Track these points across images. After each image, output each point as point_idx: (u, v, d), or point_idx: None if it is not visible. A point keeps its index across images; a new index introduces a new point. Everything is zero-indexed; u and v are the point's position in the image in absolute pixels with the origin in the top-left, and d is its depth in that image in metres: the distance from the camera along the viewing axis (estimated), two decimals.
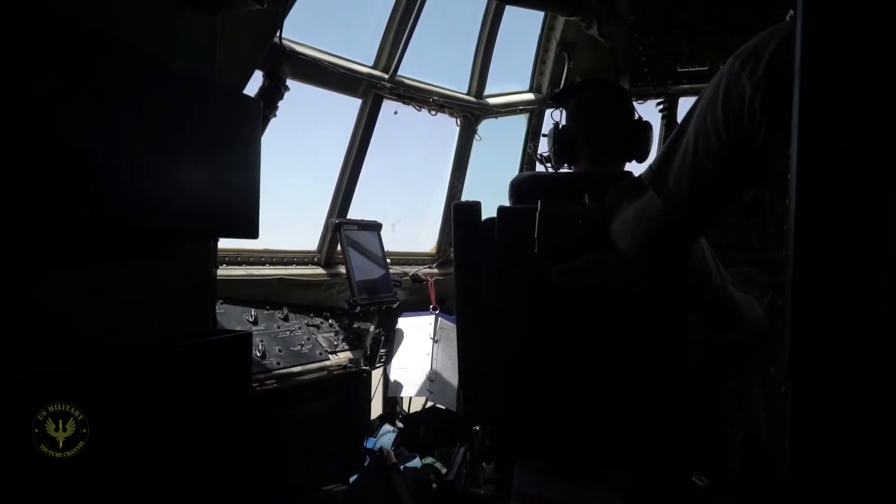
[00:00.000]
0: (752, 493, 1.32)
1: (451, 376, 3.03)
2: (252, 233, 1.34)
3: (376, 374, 3.12)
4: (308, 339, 2.62)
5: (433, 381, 3.02)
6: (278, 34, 2.04)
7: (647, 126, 1.98)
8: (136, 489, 1.12)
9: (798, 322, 0.73)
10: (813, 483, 0.77)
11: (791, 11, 1.09)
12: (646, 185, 1.18)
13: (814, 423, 0.74)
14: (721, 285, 1.43)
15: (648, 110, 3.51)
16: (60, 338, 1.06)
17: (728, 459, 1.51)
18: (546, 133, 2.09)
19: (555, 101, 2.08)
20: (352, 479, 2.60)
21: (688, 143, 1.08)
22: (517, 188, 1.91)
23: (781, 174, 0.95)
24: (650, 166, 1.18)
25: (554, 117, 2.06)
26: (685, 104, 3.50)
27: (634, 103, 2.15)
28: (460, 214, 1.92)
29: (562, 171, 2.08)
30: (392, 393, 3.14)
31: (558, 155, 1.98)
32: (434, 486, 2.53)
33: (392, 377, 3.10)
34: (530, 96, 3.55)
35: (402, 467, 2.57)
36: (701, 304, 1.53)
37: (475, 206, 1.91)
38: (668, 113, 3.50)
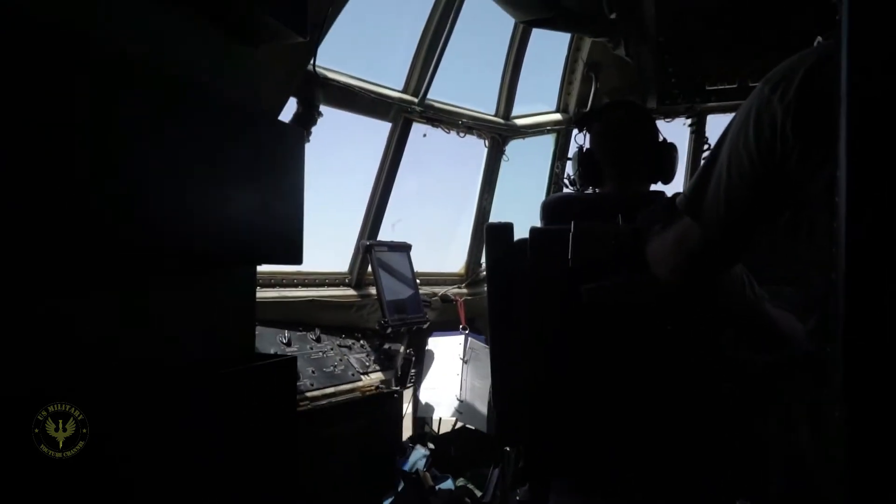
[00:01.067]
0: None
1: (482, 396, 3.02)
2: (296, 259, 1.36)
3: (406, 395, 3.12)
4: (340, 360, 2.64)
5: (463, 402, 3.02)
6: (312, 62, 2.10)
7: (671, 147, 1.97)
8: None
9: (851, 345, 0.72)
10: None
11: (819, 38, 1.10)
12: (681, 211, 1.19)
13: (869, 447, 0.73)
14: (755, 301, 1.42)
15: (676, 128, 3.51)
16: (105, 362, 1.08)
17: (771, 485, 1.48)
18: (571, 156, 2.10)
19: (578, 124, 2.09)
20: (386, 501, 2.59)
21: (721, 168, 1.08)
22: (549, 209, 1.92)
23: (816, 195, 0.95)
24: (684, 192, 1.19)
25: (578, 140, 2.07)
26: (713, 122, 3.49)
27: (662, 122, 2.16)
28: (493, 235, 1.93)
29: (591, 192, 2.09)
30: (422, 413, 3.14)
31: (583, 178, 1.99)
32: None
33: (422, 398, 3.10)
34: (557, 116, 3.57)
35: (437, 488, 2.56)
36: (735, 319, 1.51)
37: (508, 227, 1.92)
38: (697, 131, 3.49)
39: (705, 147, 3.41)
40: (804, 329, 1.44)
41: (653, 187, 2.01)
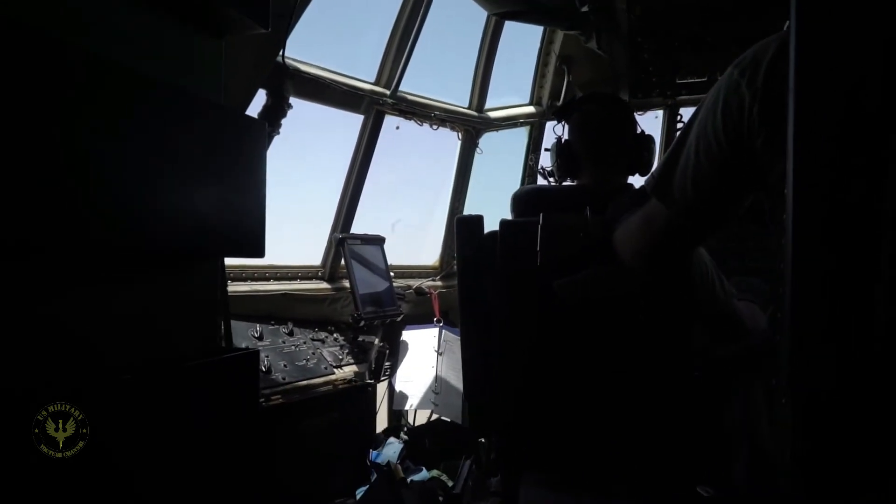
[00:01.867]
0: None
1: (456, 388, 3.04)
2: (258, 252, 1.35)
3: (381, 388, 3.12)
4: (313, 353, 2.63)
5: (438, 394, 3.03)
6: (281, 53, 2.07)
7: (649, 140, 1.98)
8: (136, 495, 1.12)
9: (797, 335, 0.74)
10: (814, 492, 0.77)
11: (788, 22, 1.11)
12: (648, 192, 1.20)
13: (813, 433, 0.75)
14: (725, 299, 1.44)
15: (648, 121, 3.54)
16: (69, 355, 1.07)
17: (733, 471, 1.51)
18: (548, 147, 2.10)
19: (557, 115, 2.09)
20: (358, 492, 2.59)
21: (689, 151, 1.09)
22: (519, 201, 1.92)
23: (779, 182, 0.97)
24: (652, 174, 1.20)
25: (556, 131, 2.07)
26: (685, 114, 3.53)
27: (635, 114, 2.16)
28: (463, 228, 1.93)
29: (564, 184, 2.10)
30: (397, 406, 3.14)
31: (561, 169, 1.99)
32: (441, 499, 2.52)
33: (397, 390, 3.10)
34: (531, 109, 3.58)
35: (409, 480, 2.56)
36: (705, 317, 1.53)
37: (477, 220, 1.92)
38: (668, 123, 3.53)
39: None
40: (766, 320, 1.47)
41: (631, 180, 2.02)
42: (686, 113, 3.53)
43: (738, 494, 1.43)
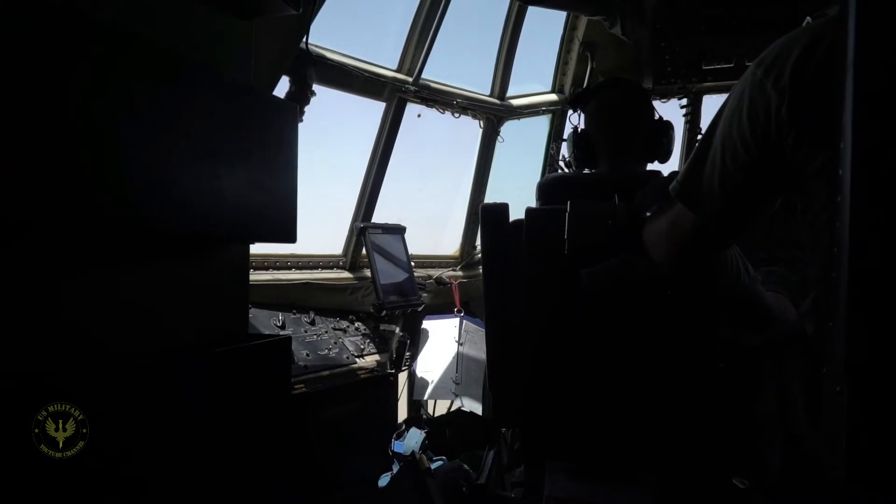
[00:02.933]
0: (794, 496, 1.30)
1: (477, 379, 3.03)
2: (290, 237, 1.34)
3: (402, 377, 3.13)
4: (335, 342, 2.63)
5: (459, 384, 3.02)
6: (305, 39, 2.05)
7: (668, 126, 1.95)
8: (149, 483, 1.12)
9: (856, 319, 0.71)
10: (872, 483, 0.75)
11: (808, 18, 1.08)
12: (674, 197, 1.17)
13: (872, 422, 0.73)
14: (750, 285, 1.41)
15: (672, 109, 3.49)
16: (93, 341, 1.07)
17: (767, 462, 1.49)
18: (565, 138, 2.07)
19: (572, 104, 2.06)
20: (380, 481, 2.60)
21: (714, 155, 1.07)
22: (544, 190, 1.90)
23: (811, 178, 0.94)
24: (677, 179, 1.17)
25: (573, 121, 2.04)
26: (709, 102, 3.47)
27: (657, 102, 2.13)
28: (488, 216, 1.91)
29: (587, 172, 2.07)
30: (418, 396, 3.14)
31: (578, 159, 1.96)
32: (464, 489, 2.52)
33: (418, 380, 3.10)
34: (553, 97, 3.54)
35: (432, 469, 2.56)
36: (730, 304, 1.51)
37: (503, 208, 1.90)
38: (693, 111, 3.47)
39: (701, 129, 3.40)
40: (794, 310, 1.44)
41: (649, 166, 1.99)
42: (710, 101, 3.48)
43: (772, 486, 1.41)
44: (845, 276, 0.72)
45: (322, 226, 3.10)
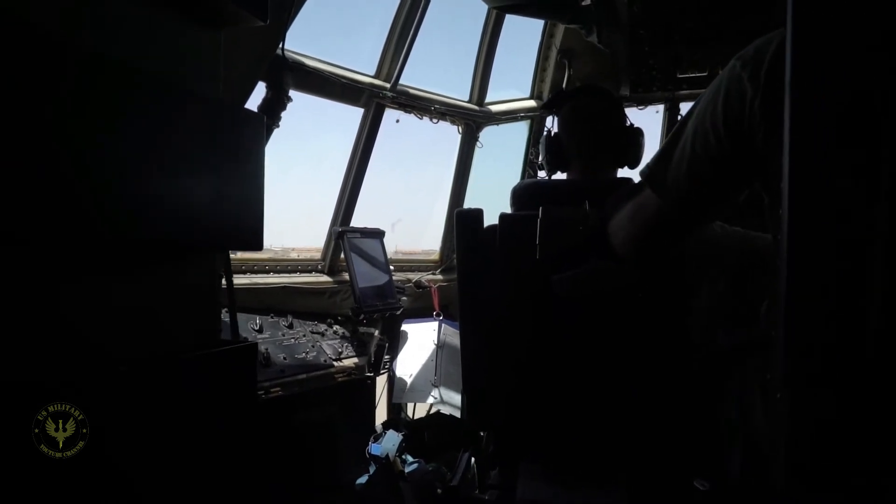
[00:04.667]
0: (752, 498, 1.33)
1: (456, 382, 3.04)
2: (256, 245, 1.35)
3: (380, 381, 3.14)
4: (313, 346, 2.64)
5: (438, 388, 3.04)
6: (281, 46, 2.07)
7: (637, 132, 1.98)
8: (137, 495, 1.13)
9: (792, 328, 0.74)
10: (809, 487, 0.78)
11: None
12: (643, 180, 1.20)
13: (809, 428, 0.76)
14: (731, 232, 1.45)
15: (649, 116, 3.54)
16: (64, 348, 1.07)
17: (728, 465, 1.52)
18: (540, 141, 2.10)
19: (546, 108, 2.09)
20: (357, 483, 2.61)
21: (686, 141, 1.09)
22: (518, 195, 1.93)
23: (778, 177, 0.96)
24: (647, 163, 1.20)
25: (547, 125, 2.07)
26: (685, 110, 3.51)
27: (635, 109, 2.16)
28: (463, 221, 1.93)
29: (561, 178, 2.10)
30: (397, 399, 3.15)
31: (550, 163, 1.99)
32: (439, 491, 2.53)
33: (397, 383, 3.11)
34: (531, 103, 3.57)
35: (406, 472, 2.58)
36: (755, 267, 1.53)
37: (477, 213, 1.92)
38: (669, 118, 3.52)
39: None
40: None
41: (620, 173, 2.02)
42: (686, 108, 3.52)
43: (733, 488, 1.44)
44: (784, 283, 0.74)
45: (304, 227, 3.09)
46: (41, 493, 0.96)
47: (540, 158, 2.11)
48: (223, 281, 1.58)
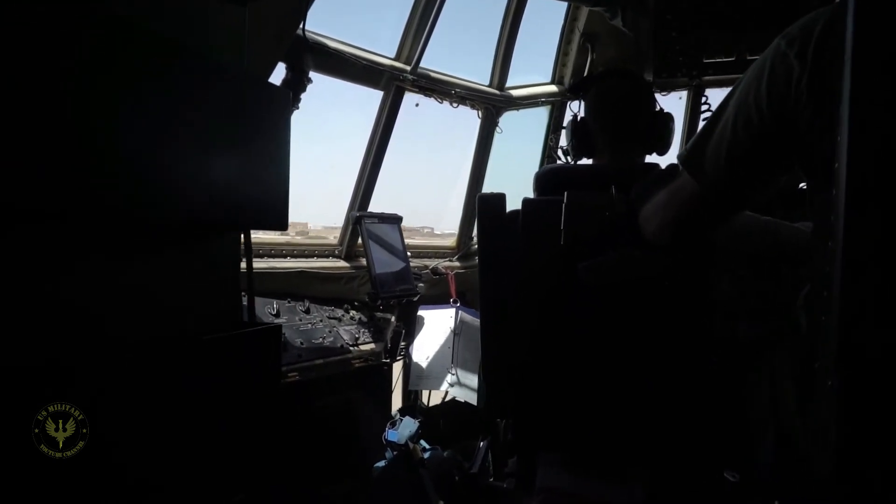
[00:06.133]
0: (786, 492, 1.30)
1: (472, 370, 3.03)
2: (281, 224, 1.33)
3: (396, 367, 3.13)
4: (330, 331, 2.63)
5: (454, 375, 3.02)
6: (301, 26, 2.04)
7: (668, 118, 1.93)
8: (148, 481, 1.11)
9: (847, 315, 0.70)
10: (857, 483, 0.75)
11: None
12: (680, 164, 1.16)
13: (862, 422, 0.72)
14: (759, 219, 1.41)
15: (672, 103, 3.47)
16: (85, 331, 1.06)
17: (758, 457, 1.49)
18: (565, 125, 2.05)
19: (573, 91, 2.04)
20: (374, 469, 2.61)
21: (726, 123, 1.05)
22: (541, 181, 1.89)
23: (823, 159, 0.93)
24: (686, 147, 1.16)
25: (573, 109, 2.02)
26: (710, 96, 3.45)
27: (658, 96, 2.10)
28: (485, 206, 1.90)
29: (585, 163, 2.06)
30: (413, 386, 3.14)
31: (576, 148, 1.94)
32: (457, 478, 2.52)
33: (413, 370, 3.10)
34: (552, 88, 3.51)
35: (425, 459, 2.57)
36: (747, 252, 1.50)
37: (500, 198, 1.89)
38: (693, 105, 3.45)
39: (702, 120, 3.38)
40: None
41: (648, 159, 1.97)
42: (712, 94, 3.46)
43: (763, 480, 1.41)
44: (839, 268, 0.71)
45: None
46: (41, 493, 0.96)
47: (564, 144, 2.06)
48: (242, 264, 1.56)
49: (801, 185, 1.74)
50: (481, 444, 2.73)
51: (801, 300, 1.21)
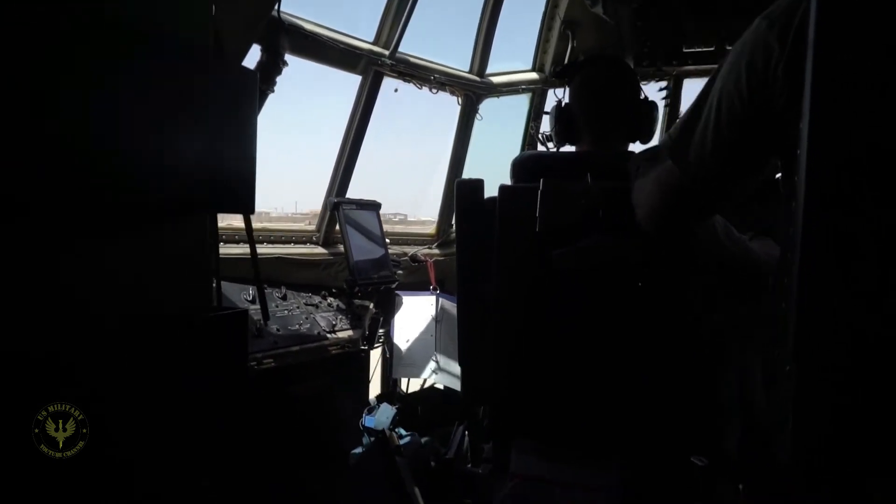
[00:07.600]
0: (750, 476, 1.32)
1: (455, 357, 3.03)
2: (248, 207, 1.31)
3: (375, 354, 3.12)
4: (306, 318, 2.61)
5: (437, 363, 3.03)
6: (277, 7, 2.00)
7: (652, 106, 1.92)
8: (130, 470, 1.10)
9: (805, 301, 0.71)
10: (813, 468, 0.76)
11: None
12: (664, 153, 1.15)
13: (817, 406, 0.73)
14: (736, 243, 1.41)
15: (650, 93, 3.47)
16: (51, 315, 1.03)
17: (726, 442, 1.51)
18: (548, 111, 2.04)
19: (559, 76, 2.02)
20: (351, 456, 2.61)
21: (710, 108, 1.03)
22: (519, 167, 1.88)
23: (794, 146, 0.92)
24: (668, 133, 1.14)
25: (557, 95, 2.01)
26: (689, 86, 3.46)
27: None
28: (462, 192, 1.89)
29: (564, 150, 2.05)
30: (396, 374, 3.14)
31: (560, 134, 1.93)
32: (433, 464, 2.53)
33: (395, 358, 3.10)
34: (533, 75, 3.50)
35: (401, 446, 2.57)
36: (718, 267, 1.50)
37: (477, 184, 1.88)
38: (672, 94, 3.46)
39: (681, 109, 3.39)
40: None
41: (631, 147, 1.97)
42: (689, 84, 3.47)
43: (730, 465, 1.43)
44: (798, 256, 0.71)
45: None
46: (41, 493, 0.95)
47: (547, 130, 2.05)
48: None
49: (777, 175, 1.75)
50: (457, 429, 2.74)
51: (770, 285, 1.22)
